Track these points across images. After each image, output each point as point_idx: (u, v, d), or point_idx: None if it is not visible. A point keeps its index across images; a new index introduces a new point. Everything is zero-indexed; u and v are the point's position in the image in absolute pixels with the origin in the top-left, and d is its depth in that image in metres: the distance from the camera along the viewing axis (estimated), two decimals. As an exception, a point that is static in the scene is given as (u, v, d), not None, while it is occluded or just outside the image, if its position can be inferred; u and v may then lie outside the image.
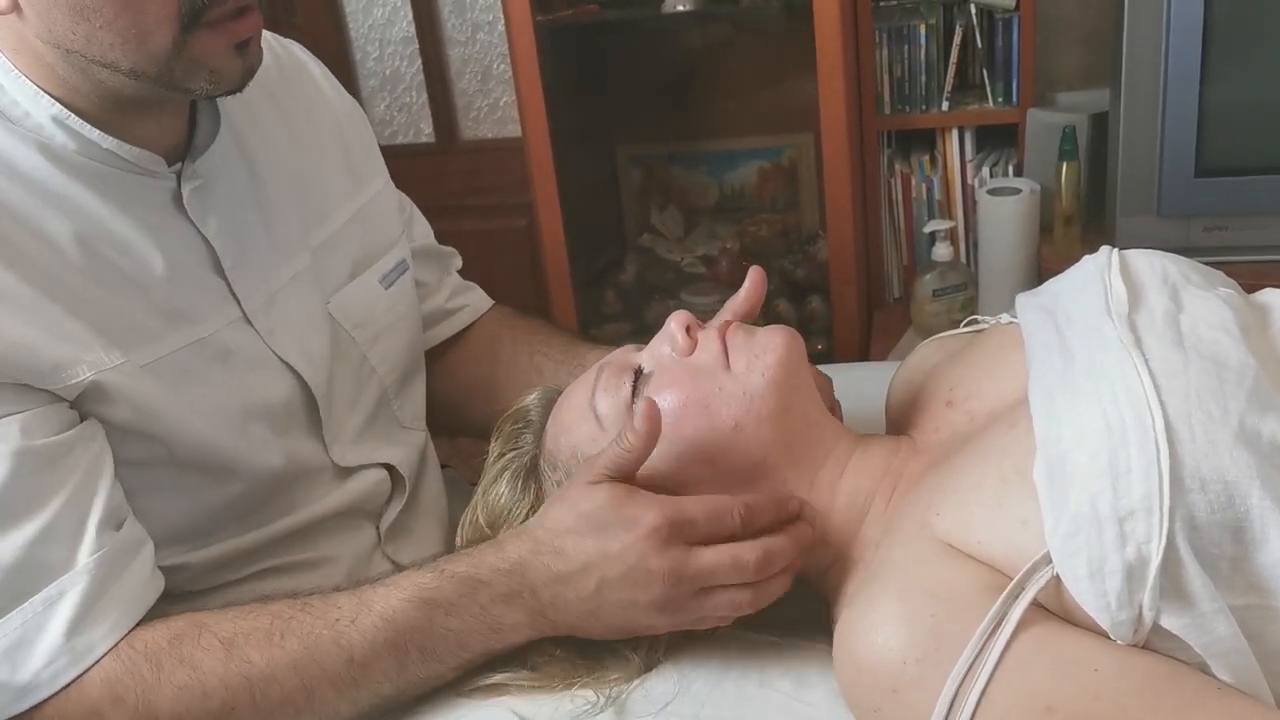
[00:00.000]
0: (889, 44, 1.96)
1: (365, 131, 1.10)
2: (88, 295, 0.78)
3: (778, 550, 0.76)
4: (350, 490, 0.97)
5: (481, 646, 0.78)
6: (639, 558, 0.74)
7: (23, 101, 0.78)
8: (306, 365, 0.92)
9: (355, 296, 1.00)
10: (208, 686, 0.74)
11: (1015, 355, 0.80)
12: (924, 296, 1.90)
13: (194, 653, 0.75)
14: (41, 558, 0.73)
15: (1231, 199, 1.61)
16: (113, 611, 0.75)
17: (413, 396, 1.07)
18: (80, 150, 0.80)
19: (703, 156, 2.28)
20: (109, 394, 0.78)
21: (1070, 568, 0.64)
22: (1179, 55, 1.53)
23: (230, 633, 0.76)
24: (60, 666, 0.73)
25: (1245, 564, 0.63)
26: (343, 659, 0.75)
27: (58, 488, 0.75)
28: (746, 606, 0.77)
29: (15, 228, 0.76)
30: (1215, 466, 0.63)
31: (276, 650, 0.75)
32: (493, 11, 2.26)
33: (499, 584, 0.77)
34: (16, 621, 0.72)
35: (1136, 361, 0.68)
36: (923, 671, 0.65)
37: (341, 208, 1.01)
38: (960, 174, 2.02)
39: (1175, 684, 0.62)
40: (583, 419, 0.82)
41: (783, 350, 0.80)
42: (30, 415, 0.74)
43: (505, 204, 2.31)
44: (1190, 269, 0.80)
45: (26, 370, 0.74)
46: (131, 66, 0.76)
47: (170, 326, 0.83)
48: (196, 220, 0.86)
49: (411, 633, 0.76)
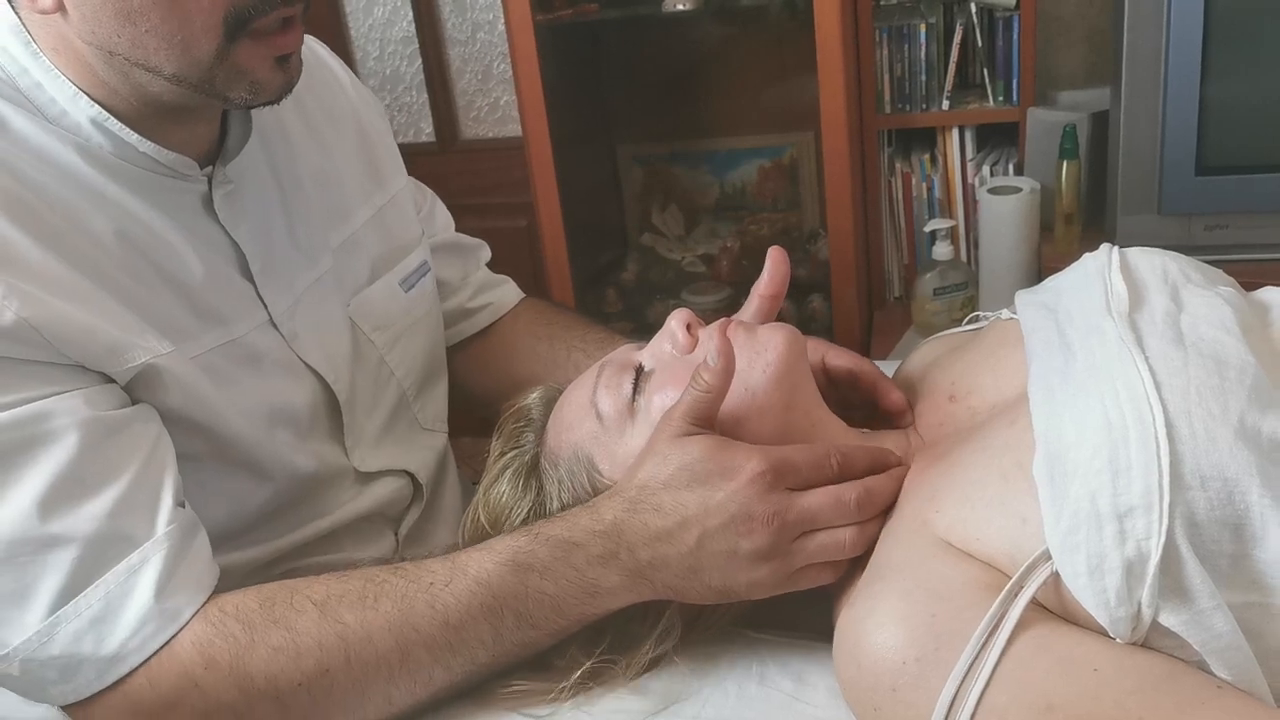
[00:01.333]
0: (889, 43, 1.96)
1: (385, 129, 1.09)
2: (131, 289, 0.79)
3: (878, 489, 0.76)
4: (371, 496, 0.97)
5: (578, 611, 0.76)
6: (743, 504, 0.73)
7: (61, 101, 0.78)
8: (329, 369, 0.93)
9: (375, 299, 1.00)
10: (302, 647, 0.73)
11: (1016, 352, 0.80)
12: (924, 295, 1.90)
13: (287, 614, 0.74)
14: (121, 529, 0.73)
15: (1232, 197, 1.61)
16: (193, 578, 0.75)
17: (433, 399, 1.07)
18: (116, 152, 0.80)
19: (703, 155, 2.28)
20: (162, 379, 0.78)
21: (1069, 565, 0.64)
22: (1179, 54, 1.53)
23: (323, 595, 0.75)
24: (149, 633, 0.72)
25: (1245, 561, 0.63)
26: (437, 621, 0.74)
27: (130, 457, 0.74)
28: (850, 547, 0.75)
29: (62, 221, 0.77)
30: (1215, 464, 0.63)
31: (370, 612, 0.74)
32: (493, 11, 2.26)
33: (594, 545, 0.75)
34: (100, 592, 0.72)
35: (1137, 359, 0.68)
36: (922, 670, 0.65)
37: (361, 208, 1.01)
38: (961, 173, 2.02)
39: (1174, 682, 0.62)
40: (584, 417, 0.82)
41: (784, 347, 0.80)
42: (91, 391, 0.74)
43: (506, 203, 2.31)
44: (1191, 267, 0.80)
45: (84, 352, 0.74)
46: (175, 72, 0.76)
47: (205, 327, 0.84)
48: (227, 224, 0.86)
49: (506, 596, 0.74)
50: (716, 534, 0.73)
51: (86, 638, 0.71)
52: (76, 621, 0.71)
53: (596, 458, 0.81)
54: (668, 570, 0.75)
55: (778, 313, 0.88)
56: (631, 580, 0.75)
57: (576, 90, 2.14)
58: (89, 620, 0.71)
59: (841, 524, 0.75)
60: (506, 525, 0.84)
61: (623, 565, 0.75)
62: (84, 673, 0.72)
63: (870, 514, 0.76)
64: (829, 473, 0.76)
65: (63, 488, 0.72)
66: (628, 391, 0.81)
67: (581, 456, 0.81)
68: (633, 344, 0.89)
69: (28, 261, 0.73)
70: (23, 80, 0.78)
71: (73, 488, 0.72)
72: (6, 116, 0.78)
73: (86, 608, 0.71)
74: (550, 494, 0.83)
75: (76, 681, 0.72)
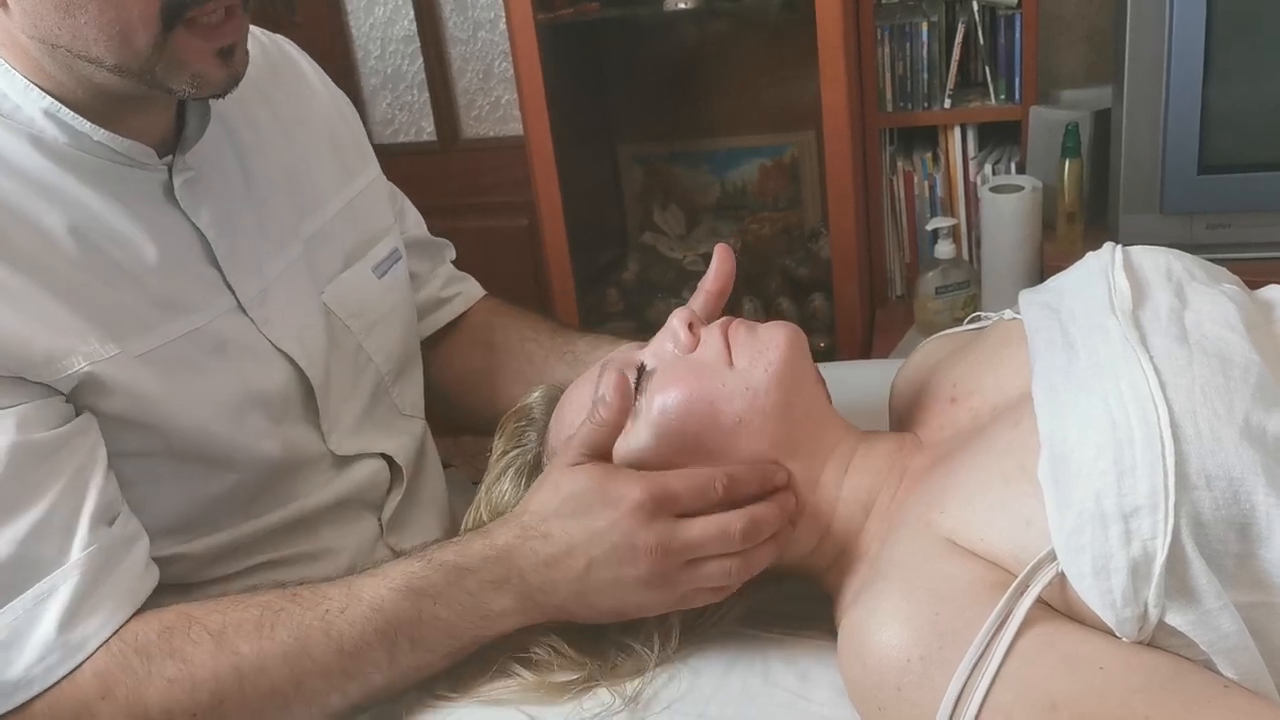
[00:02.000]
0: (891, 41, 1.96)
1: (355, 125, 1.11)
2: (82, 287, 0.79)
3: (762, 517, 0.76)
4: (348, 480, 0.97)
5: (471, 634, 0.78)
6: (625, 534, 0.75)
7: (13, 95, 0.78)
8: (303, 354, 0.93)
9: (349, 286, 1.01)
10: (197, 679, 0.74)
11: (1019, 352, 0.80)
12: (926, 294, 1.89)
13: (184, 645, 0.75)
14: (33, 554, 0.73)
15: (1234, 196, 1.61)
16: (105, 606, 0.75)
17: (411, 385, 1.08)
18: (71, 143, 0.80)
19: (704, 154, 2.28)
20: (105, 385, 0.78)
21: (1075, 565, 0.64)
22: (1182, 52, 1.53)
23: (219, 625, 0.76)
24: (52, 662, 0.73)
25: (1250, 561, 0.63)
26: (332, 649, 0.75)
27: (51, 483, 0.75)
28: (736, 575, 0.76)
29: (8, 220, 0.77)
30: (1220, 463, 0.63)
31: (266, 641, 0.75)
32: (494, 9, 2.26)
33: (486, 571, 0.77)
34: (8, 618, 0.72)
35: (1141, 358, 0.68)
36: (927, 669, 0.65)
37: (332, 199, 1.02)
38: (963, 171, 2.02)
39: (1180, 681, 0.62)
40: (585, 416, 0.82)
41: (785, 346, 0.79)
42: (27, 409, 0.74)
43: (507, 202, 2.31)
44: (1194, 265, 0.80)
45: (21, 362, 0.74)
46: (115, 63, 0.76)
47: (165, 317, 0.83)
48: (188, 211, 0.86)
49: (401, 622, 0.76)
50: (602, 562, 0.75)
51: None
52: None
53: (598, 457, 0.81)
54: (557, 594, 0.77)
55: (778, 309, 0.88)
56: (522, 604, 0.77)
57: (577, 89, 2.14)
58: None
59: (726, 553, 0.76)
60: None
61: (514, 589, 0.77)
62: None
63: (755, 542, 0.76)
64: (713, 498, 0.76)
65: None
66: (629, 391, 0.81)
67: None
68: (634, 343, 0.89)
69: None
70: None
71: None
72: None
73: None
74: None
75: None
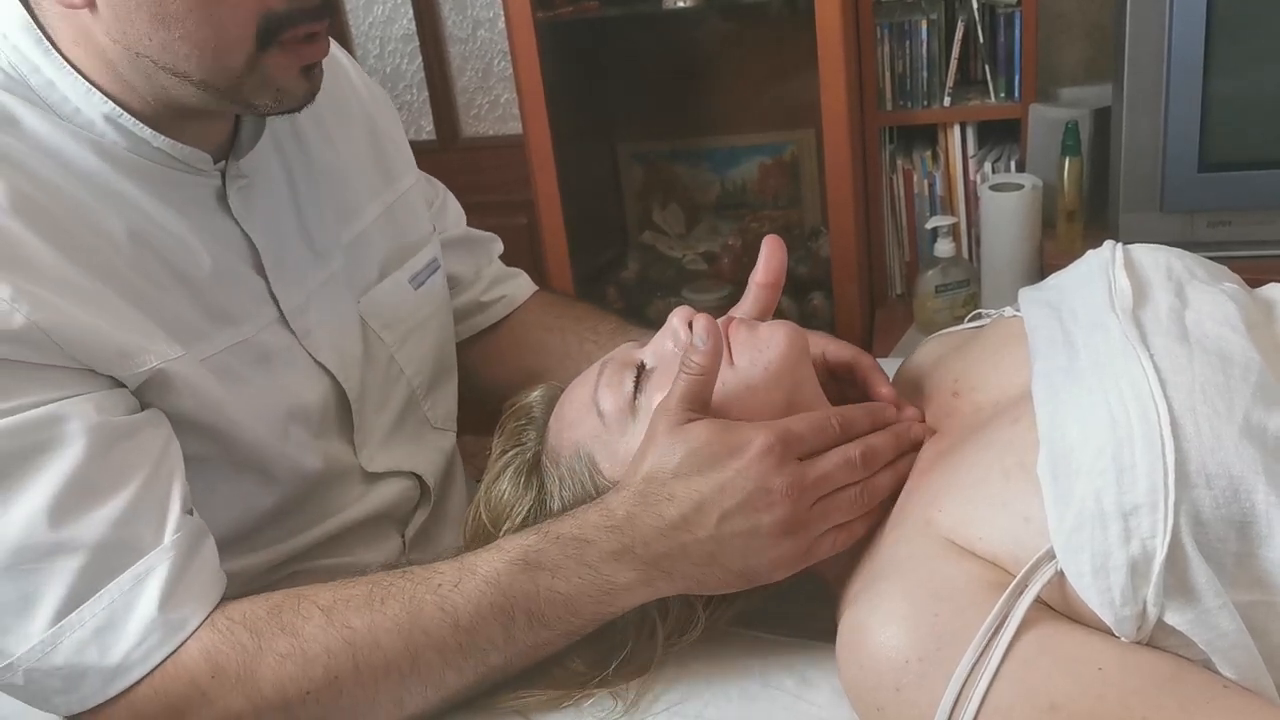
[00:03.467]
0: (890, 40, 1.96)
1: (395, 126, 1.09)
2: (143, 291, 0.78)
3: (879, 445, 0.77)
4: (378, 497, 0.96)
5: (592, 610, 0.75)
6: (758, 479, 0.72)
7: (74, 99, 0.78)
8: (340, 367, 0.92)
9: (385, 297, 1.00)
10: (309, 654, 0.72)
11: (1019, 350, 0.80)
12: (926, 293, 1.89)
13: (294, 621, 0.73)
14: (128, 537, 0.72)
15: (1235, 194, 1.61)
16: (199, 586, 0.74)
17: (444, 397, 1.07)
18: (130, 148, 0.80)
19: (704, 153, 2.28)
20: (173, 383, 0.77)
21: (1074, 564, 0.64)
22: (1182, 49, 1.53)
23: (330, 600, 0.74)
24: (153, 644, 0.71)
25: (1250, 560, 0.63)
26: (447, 624, 0.73)
27: (137, 465, 0.74)
28: (861, 502, 0.76)
29: (74, 222, 0.76)
30: (1221, 462, 0.63)
31: (378, 615, 0.73)
32: (493, 8, 2.26)
33: (606, 541, 0.73)
34: (104, 602, 0.71)
35: (1141, 357, 0.68)
36: (926, 670, 0.65)
37: (371, 204, 1.01)
38: (962, 170, 2.02)
39: (1179, 682, 0.61)
40: (585, 415, 0.82)
41: (785, 345, 0.79)
42: (100, 396, 0.74)
43: (506, 201, 2.30)
44: (1195, 264, 0.80)
45: (94, 356, 0.73)
46: (203, 78, 0.76)
47: (216, 327, 0.83)
48: (241, 219, 0.86)
49: (517, 596, 0.73)
50: (736, 513, 0.73)
51: (90, 648, 0.70)
52: (80, 631, 0.70)
53: (598, 456, 0.80)
54: (685, 560, 0.74)
55: (776, 308, 0.88)
56: (646, 574, 0.74)
57: (577, 88, 2.14)
58: (93, 630, 0.70)
59: (851, 481, 0.76)
60: (508, 523, 0.83)
61: (638, 559, 0.74)
62: (88, 682, 0.71)
63: (875, 467, 0.77)
64: (832, 434, 0.76)
65: (71, 494, 0.71)
66: (629, 389, 0.80)
67: (583, 455, 0.81)
68: (635, 341, 0.89)
69: (38, 264, 0.72)
70: (34, 78, 0.78)
71: (81, 494, 0.71)
72: (19, 115, 0.77)
73: (91, 617, 0.70)
74: (551, 492, 0.83)
75: (81, 691, 0.71)
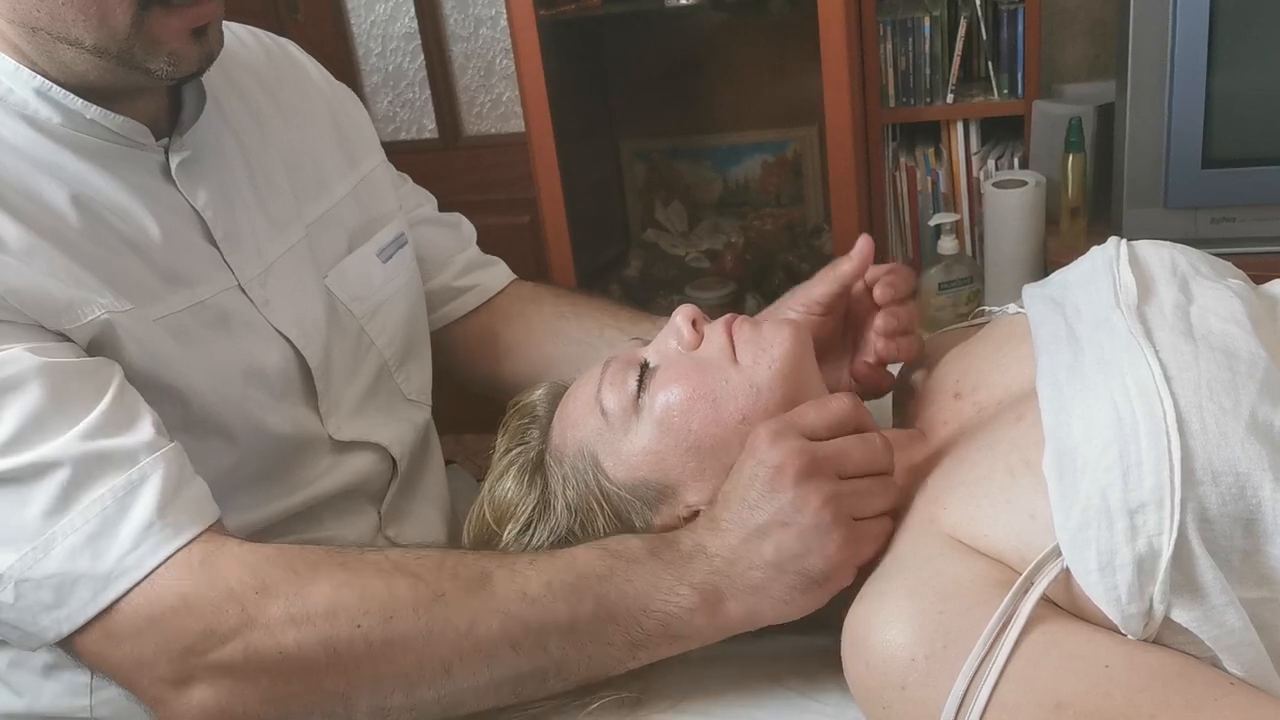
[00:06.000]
0: (893, 36, 1.96)
1: (358, 113, 1.12)
2: (89, 251, 0.79)
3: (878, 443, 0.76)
4: (350, 469, 0.97)
5: (659, 619, 0.73)
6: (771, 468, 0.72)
7: (3, 78, 0.79)
8: (300, 336, 0.93)
9: (352, 270, 1.02)
10: (368, 589, 0.70)
11: (1023, 347, 0.79)
12: (930, 290, 1.89)
13: (354, 560, 0.72)
14: (111, 447, 0.72)
15: (1239, 190, 1.60)
16: (194, 502, 0.73)
17: (417, 369, 1.08)
18: (65, 122, 0.81)
19: (706, 151, 2.28)
20: (120, 336, 0.78)
21: (1080, 561, 0.63)
22: (1185, 46, 1.53)
23: (397, 556, 0.73)
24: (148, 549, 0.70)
25: (1257, 557, 0.62)
26: (514, 591, 0.72)
27: (100, 389, 0.74)
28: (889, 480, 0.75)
29: (13, 191, 0.77)
30: (1227, 458, 0.62)
31: (446, 573, 0.72)
32: (495, 6, 2.26)
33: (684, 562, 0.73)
34: (97, 508, 0.70)
35: (1147, 353, 0.68)
36: (931, 668, 0.65)
37: (337, 184, 1.04)
38: (966, 167, 2.02)
39: (1186, 679, 0.61)
40: (589, 414, 0.82)
41: (789, 343, 0.79)
42: (50, 346, 0.74)
43: (509, 200, 2.31)
44: (1200, 260, 0.80)
45: (39, 309, 0.74)
46: (94, 43, 0.77)
47: (169, 289, 0.84)
48: (185, 191, 0.88)
49: (590, 577, 0.72)
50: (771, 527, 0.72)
51: (83, 554, 0.69)
52: (73, 536, 0.70)
53: (601, 455, 0.81)
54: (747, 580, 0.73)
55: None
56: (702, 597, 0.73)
57: (579, 86, 2.14)
58: (86, 536, 0.70)
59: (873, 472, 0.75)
60: (511, 522, 0.84)
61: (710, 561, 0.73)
62: (78, 594, 0.70)
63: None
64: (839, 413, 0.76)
65: (37, 420, 0.71)
66: (632, 388, 0.80)
67: (586, 453, 0.81)
68: (637, 341, 0.89)
69: None
70: None
71: (48, 418, 0.71)
72: None
73: (84, 522, 0.70)
74: (555, 491, 0.83)
75: (70, 605, 0.70)
